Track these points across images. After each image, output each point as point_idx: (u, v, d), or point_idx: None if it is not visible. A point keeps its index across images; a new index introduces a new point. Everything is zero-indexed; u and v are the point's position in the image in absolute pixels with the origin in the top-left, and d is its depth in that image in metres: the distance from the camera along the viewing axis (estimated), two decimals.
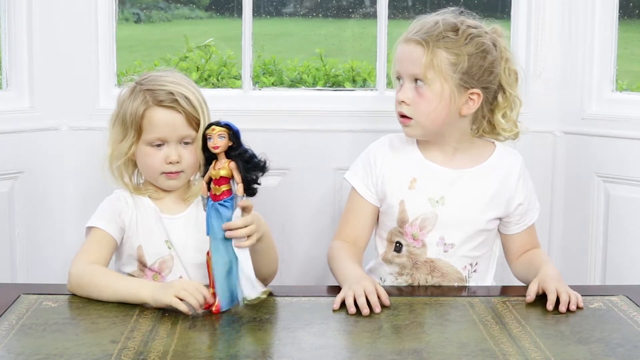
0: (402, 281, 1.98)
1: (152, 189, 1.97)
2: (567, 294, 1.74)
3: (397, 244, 1.97)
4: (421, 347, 1.53)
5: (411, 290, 1.92)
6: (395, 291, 1.90)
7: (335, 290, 1.83)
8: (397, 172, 1.98)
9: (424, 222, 1.95)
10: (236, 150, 1.66)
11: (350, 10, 3.50)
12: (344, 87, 3.12)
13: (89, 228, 1.91)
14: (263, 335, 1.60)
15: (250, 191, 1.68)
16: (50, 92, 2.49)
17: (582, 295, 1.80)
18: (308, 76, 3.23)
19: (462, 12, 1.97)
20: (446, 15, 1.95)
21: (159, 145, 1.91)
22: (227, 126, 1.65)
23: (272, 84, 3.08)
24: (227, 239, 1.69)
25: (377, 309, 1.71)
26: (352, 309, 1.70)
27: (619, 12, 2.47)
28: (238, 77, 2.96)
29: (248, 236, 1.71)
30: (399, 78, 1.95)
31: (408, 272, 1.97)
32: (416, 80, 1.90)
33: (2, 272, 2.44)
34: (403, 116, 1.93)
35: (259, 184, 1.68)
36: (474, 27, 1.93)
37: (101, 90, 2.52)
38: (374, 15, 2.54)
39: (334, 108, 2.54)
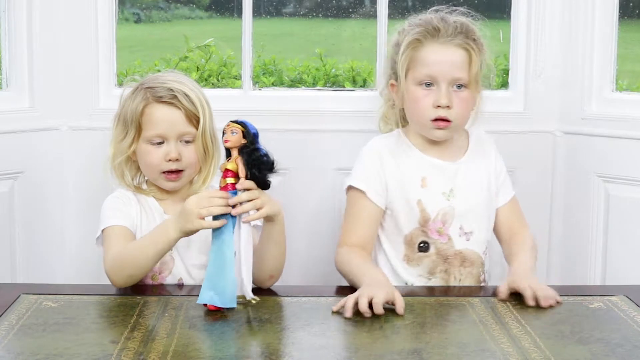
0: (438, 280, 1.98)
1: (155, 189, 1.98)
2: (542, 290, 1.76)
3: (422, 244, 1.98)
4: (421, 347, 1.53)
5: (411, 290, 1.92)
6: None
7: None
8: (407, 174, 1.99)
9: (445, 217, 1.97)
10: (248, 147, 1.69)
11: (350, 10, 3.49)
12: (344, 87, 3.12)
13: (102, 232, 1.91)
14: (263, 335, 1.60)
15: (260, 186, 1.71)
16: (50, 92, 2.49)
17: (582, 296, 1.81)
18: (308, 76, 3.23)
19: (471, 13, 2.01)
20: (463, 17, 1.99)
21: (159, 144, 1.92)
22: (242, 124, 1.70)
23: (272, 84, 3.08)
24: (227, 235, 1.69)
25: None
26: (349, 313, 1.68)
27: (619, 12, 2.47)
28: (238, 77, 2.96)
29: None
30: (429, 82, 1.94)
31: (441, 268, 1.98)
32: (456, 84, 1.94)
33: (2, 272, 2.44)
34: (443, 120, 1.94)
35: (267, 182, 1.71)
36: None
37: (101, 90, 2.52)
38: (374, 15, 2.54)
39: (334, 108, 2.54)
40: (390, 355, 1.49)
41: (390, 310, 1.72)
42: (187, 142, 1.93)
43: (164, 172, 1.92)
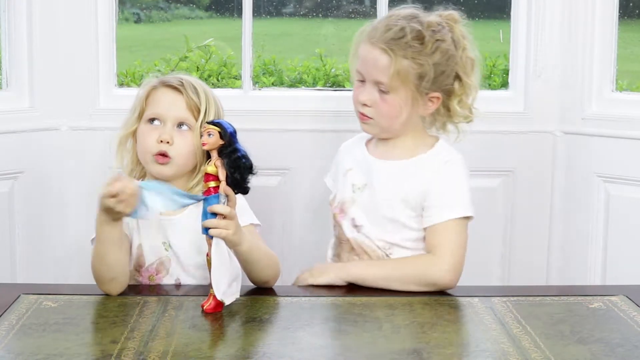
0: (334, 260, 2.05)
1: None
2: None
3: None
4: (421, 347, 1.53)
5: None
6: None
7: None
8: (343, 163, 2.06)
9: (343, 205, 2.01)
10: (227, 149, 1.66)
11: (350, 10, 3.49)
12: (344, 87, 3.12)
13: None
14: (263, 335, 1.60)
15: (239, 190, 1.69)
16: (50, 92, 2.49)
17: (582, 296, 1.81)
18: (308, 76, 3.23)
19: (425, 7, 2.00)
20: (417, 14, 1.95)
21: (155, 125, 1.93)
22: (219, 125, 1.66)
23: (272, 84, 3.08)
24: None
25: None
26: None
27: (619, 12, 2.47)
28: (238, 77, 2.96)
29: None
30: (361, 80, 1.97)
31: (338, 251, 2.04)
32: (379, 85, 1.93)
33: (2, 272, 2.44)
34: (363, 115, 1.97)
35: (246, 187, 1.68)
36: (437, 31, 1.93)
37: (101, 90, 2.52)
38: (374, 15, 2.54)
39: (333, 108, 2.54)
40: (390, 355, 1.49)
41: (390, 310, 1.72)
42: (184, 130, 1.93)
43: (154, 155, 1.92)
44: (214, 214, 1.68)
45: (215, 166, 1.67)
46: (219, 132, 1.65)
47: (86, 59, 2.50)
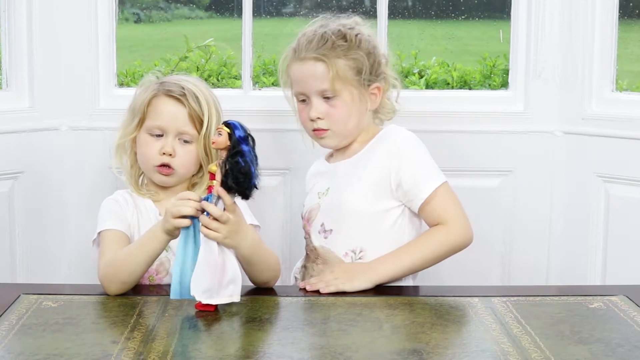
0: (301, 276, 2.05)
1: (153, 189, 1.98)
2: (322, 281, 1.85)
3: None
4: (421, 347, 1.53)
5: (410, 290, 1.92)
6: (395, 291, 1.90)
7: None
8: (309, 183, 2.10)
9: (310, 214, 2.03)
10: (232, 151, 1.66)
11: (351, 10, 3.49)
12: None
13: (98, 235, 1.92)
14: (263, 335, 1.60)
15: (239, 194, 1.68)
16: (50, 92, 2.49)
17: (582, 296, 1.81)
18: None
19: (336, 15, 2.05)
20: (327, 24, 2.01)
21: (158, 136, 1.93)
22: (230, 125, 1.67)
23: (272, 84, 3.08)
24: (195, 235, 1.70)
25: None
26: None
27: (619, 12, 2.47)
28: (238, 77, 2.96)
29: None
30: (303, 99, 2.00)
31: (303, 263, 2.05)
32: (324, 93, 1.96)
33: (2, 272, 2.44)
34: (318, 130, 1.98)
35: (245, 192, 1.67)
36: (352, 27, 2.01)
37: (101, 90, 2.52)
38: (374, 15, 2.53)
39: None
40: (390, 355, 1.49)
41: (390, 310, 1.72)
42: (185, 141, 1.94)
43: (157, 166, 1.93)
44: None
45: (216, 166, 1.68)
46: (229, 133, 1.66)
47: (86, 59, 2.50)
